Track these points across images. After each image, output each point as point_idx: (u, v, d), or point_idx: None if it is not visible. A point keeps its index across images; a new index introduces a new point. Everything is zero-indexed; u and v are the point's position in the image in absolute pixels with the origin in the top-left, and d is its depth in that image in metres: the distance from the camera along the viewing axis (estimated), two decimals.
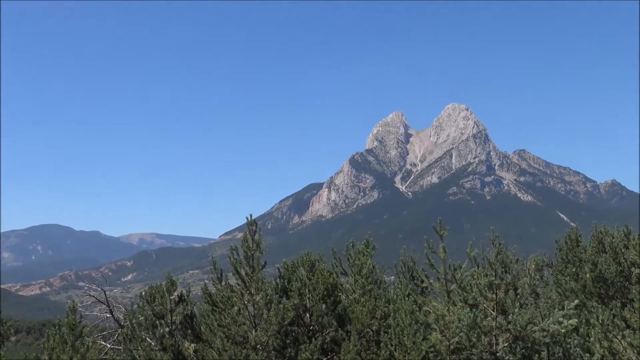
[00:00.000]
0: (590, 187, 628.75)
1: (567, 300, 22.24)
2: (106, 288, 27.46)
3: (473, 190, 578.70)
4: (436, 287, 20.12)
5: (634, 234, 24.48)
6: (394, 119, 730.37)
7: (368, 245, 23.38)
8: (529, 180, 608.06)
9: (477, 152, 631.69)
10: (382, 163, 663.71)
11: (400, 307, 19.22)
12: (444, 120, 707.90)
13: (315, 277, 20.37)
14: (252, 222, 18.65)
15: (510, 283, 18.64)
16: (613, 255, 24.93)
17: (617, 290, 24.61)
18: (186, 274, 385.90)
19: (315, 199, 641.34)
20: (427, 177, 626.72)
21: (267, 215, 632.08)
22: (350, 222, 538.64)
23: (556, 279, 28.17)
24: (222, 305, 18.62)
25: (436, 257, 19.91)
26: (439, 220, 19.63)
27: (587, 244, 28.98)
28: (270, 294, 18.69)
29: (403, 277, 24.83)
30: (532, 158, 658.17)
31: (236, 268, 18.73)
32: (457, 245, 47.79)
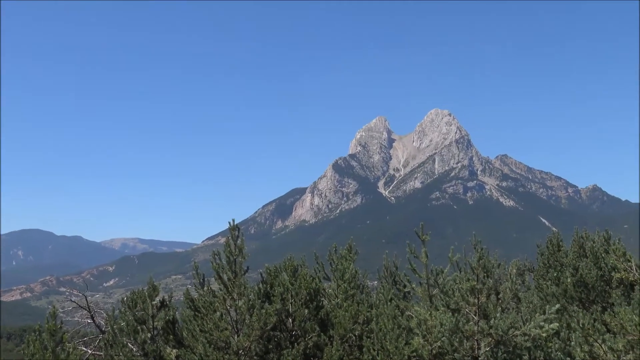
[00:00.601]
0: (572, 192, 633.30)
1: (548, 304, 22.33)
2: (87, 293, 27.26)
3: (456, 195, 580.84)
4: (418, 292, 20.16)
5: (614, 238, 24.68)
6: (377, 124, 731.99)
7: (351, 250, 23.40)
8: (511, 185, 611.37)
9: (459, 157, 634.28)
10: (366, 168, 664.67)
11: (382, 312, 19.24)
12: (427, 126, 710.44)
13: (298, 282, 20.35)
14: (234, 227, 18.60)
15: (492, 288, 18.70)
16: (594, 259, 25.12)
17: (597, 295, 24.78)
18: (169, 279, 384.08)
19: (299, 204, 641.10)
20: (410, 182, 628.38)
21: (250, 220, 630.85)
22: (333, 227, 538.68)
23: (538, 283, 28.33)
24: (205, 310, 18.55)
25: (418, 262, 19.96)
26: (421, 225, 19.68)
27: (568, 249, 29.17)
28: (252, 299, 18.64)
29: (385, 282, 24.86)
30: (514, 163, 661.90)
31: (218, 273, 18.67)
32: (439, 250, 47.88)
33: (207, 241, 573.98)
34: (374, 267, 27.42)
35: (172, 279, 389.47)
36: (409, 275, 22.23)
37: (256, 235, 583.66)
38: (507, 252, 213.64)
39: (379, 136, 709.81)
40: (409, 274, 21.63)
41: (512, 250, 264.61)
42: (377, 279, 26.57)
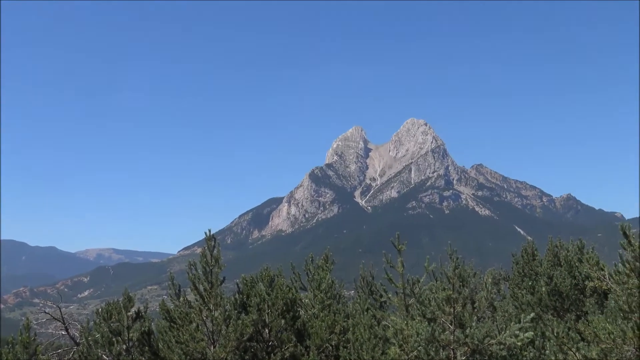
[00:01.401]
0: (546, 201, 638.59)
1: (523, 313, 22.48)
2: (62, 305, 26.96)
3: (432, 205, 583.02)
4: (395, 302, 20.19)
5: (588, 247, 24.94)
6: (353, 134, 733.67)
7: (327, 260, 23.42)
8: (486, 194, 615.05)
9: (435, 167, 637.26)
10: (342, 177, 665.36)
11: (359, 322, 19.26)
12: (403, 135, 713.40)
13: (275, 292, 20.33)
14: (210, 238, 18.55)
15: (467, 297, 18.80)
16: (568, 268, 25.35)
17: (572, 303, 25.01)
18: (144, 289, 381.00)
19: (275, 214, 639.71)
20: (387, 192, 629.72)
21: (226, 230, 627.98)
22: (310, 236, 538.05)
23: (513, 292, 28.51)
24: (180, 321, 18.45)
25: (395, 272, 20.00)
26: (397, 235, 19.72)
27: (542, 258, 29.41)
28: (229, 309, 18.59)
29: (362, 292, 24.91)
30: (489, 173, 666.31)
31: (195, 284, 18.60)
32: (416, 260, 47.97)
33: (183, 251, 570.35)
34: (351, 276, 27.49)
35: (148, 289, 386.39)
36: (385, 285, 22.27)
37: (233, 245, 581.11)
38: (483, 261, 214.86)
39: (355, 146, 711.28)
40: (385, 283, 21.67)
41: (488, 260, 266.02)
42: (353, 288, 26.62)
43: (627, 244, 16.72)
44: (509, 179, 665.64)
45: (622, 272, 16.73)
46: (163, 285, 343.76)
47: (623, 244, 16.83)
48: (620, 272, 16.93)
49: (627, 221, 17.66)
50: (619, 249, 17.23)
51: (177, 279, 20.74)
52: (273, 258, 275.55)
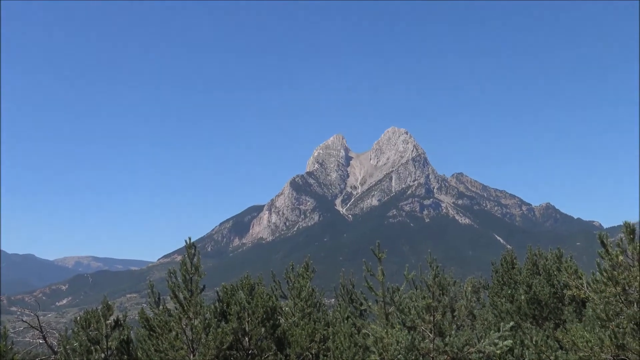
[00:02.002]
0: (526, 210, 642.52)
1: (502, 321, 22.62)
2: (39, 313, 26.76)
3: (412, 213, 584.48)
4: (375, 310, 20.23)
5: (566, 256, 25.12)
6: (334, 142, 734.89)
7: (307, 268, 23.42)
8: (466, 203, 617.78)
9: (416, 175, 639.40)
10: (323, 186, 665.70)
11: (339, 330, 19.27)
12: (384, 144, 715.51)
13: (255, 300, 20.28)
14: (190, 245, 18.49)
15: (447, 305, 18.87)
16: (547, 277, 25.52)
17: (550, 312, 25.17)
18: (124, 297, 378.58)
19: (256, 222, 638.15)
20: (367, 200, 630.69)
21: (207, 238, 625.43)
22: (290, 244, 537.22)
23: (492, 300, 28.64)
24: (160, 329, 18.35)
25: (375, 280, 20.04)
26: (377, 244, 19.77)
27: (522, 266, 29.58)
28: (208, 317, 18.52)
29: (342, 300, 24.91)
30: (469, 181, 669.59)
31: (174, 292, 18.51)
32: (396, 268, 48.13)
33: (163, 259, 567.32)
34: (332, 284, 27.46)
35: (127, 297, 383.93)
36: (365, 293, 22.31)
37: (213, 253, 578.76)
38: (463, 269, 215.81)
39: (336, 154, 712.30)
40: (365, 291, 21.71)
41: (467, 268, 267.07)
42: (334, 296, 26.61)
43: (605, 253, 16.87)
44: (489, 187, 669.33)
45: (600, 281, 16.87)
46: (143, 293, 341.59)
47: (601, 252, 16.98)
48: (597, 280, 17.07)
49: (605, 230, 17.84)
50: (597, 258, 17.39)
51: (157, 287, 20.64)
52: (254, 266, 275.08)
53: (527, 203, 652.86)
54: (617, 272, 16.54)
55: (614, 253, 16.66)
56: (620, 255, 16.67)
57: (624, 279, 16.43)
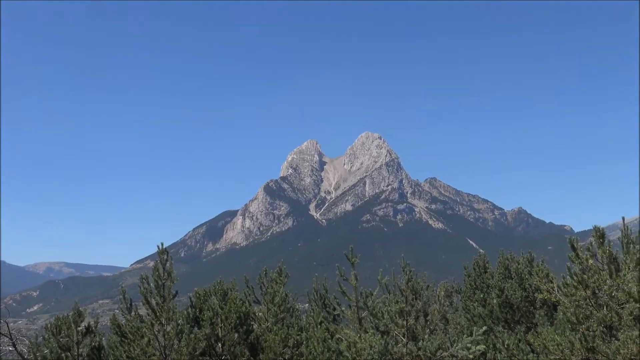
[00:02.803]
0: (498, 214, 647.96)
1: (475, 325, 22.78)
2: (9, 320, 26.36)
3: (386, 218, 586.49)
4: (348, 315, 20.25)
5: (538, 260, 25.37)
6: (308, 147, 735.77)
7: (281, 273, 23.38)
8: (439, 207, 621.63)
9: (389, 180, 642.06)
10: (297, 190, 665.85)
11: (312, 335, 19.26)
12: (358, 149, 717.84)
13: (228, 305, 20.19)
14: (163, 251, 18.37)
15: (420, 309, 18.96)
16: (519, 281, 25.74)
17: (522, 315, 25.38)
18: (96, 303, 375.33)
19: (230, 227, 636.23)
20: (341, 205, 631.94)
21: (180, 243, 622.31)
22: (264, 249, 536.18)
23: (465, 304, 28.82)
24: (132, 336, 18.19)
25: (348, 285, 20.07)
26: (350, 248, 19.81)
27: (494, 270, 29.81)
28: (181, 323, 18.40)
29: (315, 305, 24.91)
30: (442, 186, 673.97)
31: (146, 298, 18.36)
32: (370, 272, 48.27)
33: (135, 265, 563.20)
34: (305, 289, 27.46)
35: (100, 303, 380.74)
36: (338, 298, 22.34)
37: (186, 258, 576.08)
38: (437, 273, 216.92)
39: (310, 159, 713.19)
40: (338, 296, 21.74)
41: (441, 272, 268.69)
42: (307, 301, 26.61)
43: (575, 257, 17.05)
44: (462, 192, 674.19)
45: (570, 284, 17.05)
46: (115, 299, 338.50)
47: (571, 256, 17.17)
48: (568, 284, 17.24)
49: (576, 234, 18.09)
50: (568, 262, 17.58)
51: (130, 292, 20.47)
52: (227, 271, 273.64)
53: (499, 207, 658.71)
54: (587, 276, 16.73)
55: (583, 257, 16.85)
56: (590, 259, 16.87)
57: (593, 283, 16.61)
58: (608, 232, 18.30)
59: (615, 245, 17.73)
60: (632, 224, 68.12)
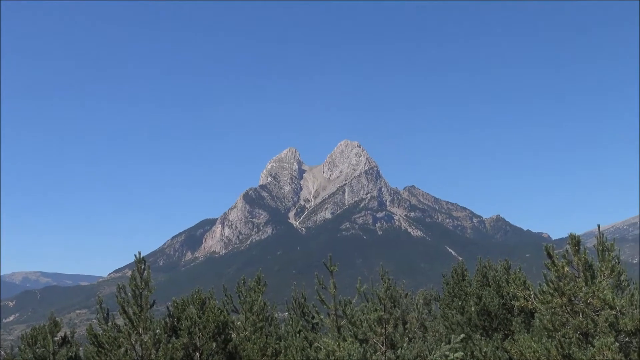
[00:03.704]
0: (477, 222, 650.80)
1: (453, 333, 22.87)
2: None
3: (365, 226, 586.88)
4: (327, 323, 20.26)
5: (515, 267, 25.52)
6: (287, 155, 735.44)
7: (259, 281, 23.35)
8: (418, 215, 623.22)
9: (369, 188, 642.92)
10: (276, 199, 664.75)
11: (291, 344, 19.24)
12: (337, 157, 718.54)
13: (206, 315, 20.13)
14: (140, 260, 18.29)
15: (399, 317, 19.00)
16: (496, 288, 25.90)
17: (500, 323, 25.53)
18: (73, 313, 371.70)
19: (209, 235, 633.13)
20: (321, 213, 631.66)
21: (158, 252, 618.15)
22: (244, 258, 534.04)
23: (443, 312, 28.94)
24: (109, 346, 18.08)
25: (327, 293, 20.08)
26: (329, 257, 19.84)
27: (472, 278, 29.97)
28: (159, 333, 18.32)
29: (294, 314, 24.88)
30: (421, 194, 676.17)
31: (123, 307, 18.28)
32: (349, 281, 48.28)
33: (114, 274, 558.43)
34: (285, 298, 27.40)
35: (77, 313, 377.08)
36: (317, 306, 22.33)
37: (165, 267, 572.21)
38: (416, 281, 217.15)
39: (289, 167, 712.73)
40: (317, 305, 21.73)
41: (420, 280, 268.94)
42: (287, 310, 26.57)
43: (551, 264, 17.21)
44: (441, 200, 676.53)
45: (547, 292, 17.19)
46: (93, 309, 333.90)
47: (547, 264, 17.32)
48: (544, 291, 17.39)
49: (553, 241, 18.27)
50: (545, 269, 17.73)
51: (108, 302, 20.34)
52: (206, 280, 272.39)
53: (477, 215, 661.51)
54: (563, 283, 16.88)
55: (559, 264, 17.01)
56: (566, 266, 17.03)
57: (569, 290, 16.77)
58: (585, 240, 18.51)
59: (592, 253, 17.91)
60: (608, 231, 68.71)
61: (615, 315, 16.43)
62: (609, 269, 17.49)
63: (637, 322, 16.27)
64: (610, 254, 17.68)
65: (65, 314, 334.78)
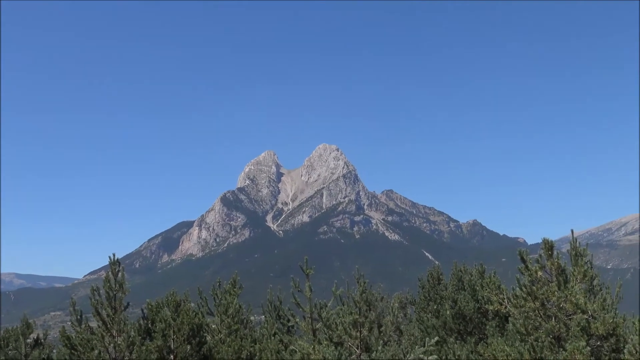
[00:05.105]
0: (454, 226, 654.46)
1: (428, 336, 22.96)
2: None
3: (343, 229, 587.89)
4: (302, 326, 20.27)
5: (490, 272, 25.67)
6: (266, 158, 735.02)
7: (235, 284, 23.30)
8: (396, 219, 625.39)
9: (347, 192, 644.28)
10: (254, 202, 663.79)
11: (266, 347, 19.23)
12: (315, 160, 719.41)
13: (180, 317, 20.04)
14: (114, 262, 18.19)
15: (374, 321, 19.07)
16: (471, 292, 26.06)
17: (475, 326, 25.69)
18: (47, 316, 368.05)
19: (186, 238, 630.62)
20: (298, 216, 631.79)
21: (135, 254, 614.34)
22: (221, 260, 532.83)
23: (419, 315, 29.08)
24: (82, 348, 17.95)
25: (302, 296, 20.09)
26: (305, 259, 19.86)
27: (448, 282, 30.15)
28: (133, 335, 18.21)
29: (269, 317, 24.87)
30: (399, 198, 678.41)
31: (97, 309, 18.16)
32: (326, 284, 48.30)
33: (89, 276, 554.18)
34: (262, 301, 27.39)
35: (51, 315, 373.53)
36: (293, 310, 22.33)
37: (141, 269, 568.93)
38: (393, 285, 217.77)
39: (267, 170, 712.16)
40: (293, 308, 21.74)
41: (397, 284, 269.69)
42: (262, 313, 26.55)
43: (524, 269, 17.36)
44: (418, 204, 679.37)
45: (520, 296, 17.34)
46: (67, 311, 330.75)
47: (520, 268, 17.47)
48: (518, 295, 17.54)
49: (528, 246, 18.42)
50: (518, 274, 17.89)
51: (83, 304, 20.19)
52: (183, 283, 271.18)
53: (454, 220, 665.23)
54: (536, 287, 17.04)
55: (533, 269, 17.16)
56: (539, 270, 17.19)
57: (542, 294, 16.92)
58: (560, 245, 18.71)
59: (566, 258, 18.10)
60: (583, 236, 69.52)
61: (587, 319, 16.59)
62: (582, 274, 17.68)
63: (609, 326, 16.46)
64: (583, 259, 17.87)
65: (39, 316, 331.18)
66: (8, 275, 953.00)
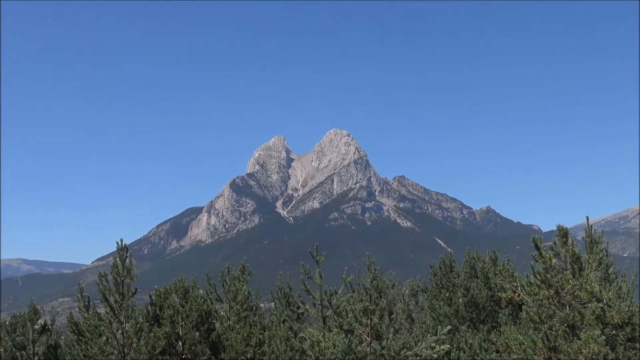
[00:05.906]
0: (467, 213, 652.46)
1: (440, 324, 22.70)
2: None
3: (354, 216, 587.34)
4: (312, 313, 20.05)
5: (503, 259, 25.35)
6: (275, 143, 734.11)
7: (244, 271, 23.09)
8: (408, 206, 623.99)
9: (358, 178, 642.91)
10: (264, 187, 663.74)
11: (275, 334, 19.02)
12: (326, 146, 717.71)
13: (189, 303, 19.85)
14: (122, 248, 17.99)
15: (385, 308, 18.80)
16: (484, 280, 25.73)
17: (487, 315, 25.38)
18: (55, 301, 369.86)
19: (195, 224, 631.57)
20: (309, 202, 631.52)
21: (143, 240, 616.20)
22: (230, 247, 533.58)
23: (431, 303, 28.79)
24: (89, 334, 17.78)
25: (313, 283, 19.86)
26: (315, 246, 19.60)
27: (460, 269, 29.85)
28: (140, 321, 18.03)
29: (279, 304, 24.69)
30: (411, 184, 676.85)
31: (105, 295, 17.98)
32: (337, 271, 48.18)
33: (97, 262, 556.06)
34: (271, 288, 27.21)
35: (59, 301, 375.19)
36: (303, 297, 22.13)
37: (150, 255, 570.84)
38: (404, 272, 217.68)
39: (277, 155, 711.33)
40: (303, 295, 21.53)
41: (409, 271, 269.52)
42: (272, 300, 26.38)
43: (538, 256, 17.03)
44: (430, 191, 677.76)
45: (534, 284, 17.03)
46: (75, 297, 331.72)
47: (534, 255, 17.14)
48: (531, 283, 17.23)
49: (543, 234, 18.10)
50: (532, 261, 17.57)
51: (91, 290, 20.04)
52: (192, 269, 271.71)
53: (467, 207, 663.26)
54: (550, 275, 16.72)
55: (547, 256, 16.83)
56: (553, 258, 16.86)
57: (556, 282, 16.61)
58: (576, 232, 18.37)
59: (581, 245, 17.78)
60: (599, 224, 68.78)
61: (602, 307, 16.30)
62: (597, 262, 17.35)
63: (624, 315, 16.15)
64: (598, 246, 17.54)
65: (47, 302, 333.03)
66: (15, 260, 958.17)
